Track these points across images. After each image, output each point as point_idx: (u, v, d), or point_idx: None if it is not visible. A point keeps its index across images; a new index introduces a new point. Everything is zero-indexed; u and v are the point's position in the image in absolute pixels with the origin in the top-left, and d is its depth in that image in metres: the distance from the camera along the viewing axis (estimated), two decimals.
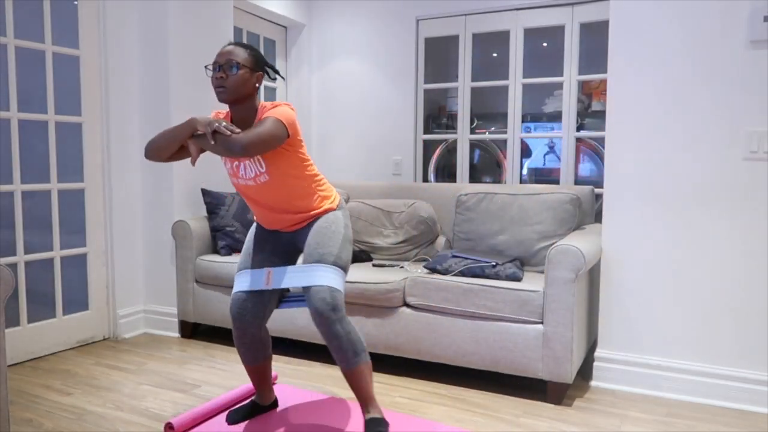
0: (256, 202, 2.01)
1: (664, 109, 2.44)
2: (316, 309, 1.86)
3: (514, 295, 2.40)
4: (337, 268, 1.94)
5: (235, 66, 1.87)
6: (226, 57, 1.89)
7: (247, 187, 1.99)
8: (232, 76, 1.87)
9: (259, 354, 2.10)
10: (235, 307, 2.01)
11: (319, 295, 1.86)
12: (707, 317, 2.41)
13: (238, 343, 2.06)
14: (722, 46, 2.33)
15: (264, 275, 1.99)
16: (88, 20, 3.07)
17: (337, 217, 2.04)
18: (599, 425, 2.19)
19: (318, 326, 1.89)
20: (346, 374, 1.94)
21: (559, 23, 3.62)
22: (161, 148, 1.86)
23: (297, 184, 1.97)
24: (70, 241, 3.07)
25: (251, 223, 3.33)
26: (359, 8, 4.14)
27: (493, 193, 2.98)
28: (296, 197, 1.99)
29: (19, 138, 2.80)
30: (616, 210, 2.54)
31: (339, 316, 1.88)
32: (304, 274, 1.93)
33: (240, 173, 1.97)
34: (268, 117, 1.84)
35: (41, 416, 2.23)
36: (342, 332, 1.88)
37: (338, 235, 2.00)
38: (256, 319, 2.02)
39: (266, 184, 1.94)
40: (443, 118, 4.72)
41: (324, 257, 1.94)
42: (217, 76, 1.88)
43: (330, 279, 1.90)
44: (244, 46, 1.94)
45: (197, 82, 3.36)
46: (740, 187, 2.33)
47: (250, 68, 1.92)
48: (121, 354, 2.97)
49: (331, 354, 1.93)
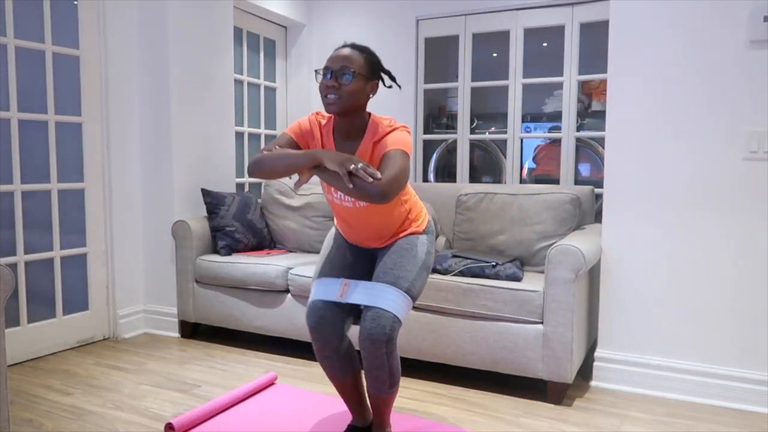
0: (347, 220, 1.89)
1: (663, 109, 2.44)
2: (370, 335, 1.70)
3: (514, 295, 2.40)
4: (408, 297, 1.78)
5: (350, 74, 1.68)
6: (341, 62, 1.69)
7: (343, 208, 1.85)
8: (345, 86, 1.68)
9: (345, 368, 1.87)
10: (313, 318, 1.82)
11: (380, 321, 1.70)
12: (707, 317, 2.41)
13: (320, 356, 1.86)
14: (722, 46, 2.33)
15: (338, 286, 1.83)
16: (88, 20, 3.07)
17: (420, 242, 1.90)
18: (599, 425, 2.19)
19: (363, 350, 1.73)
20: (372, 397, 1.83)
21: (559, 23, 3.62)
22: (273, 171, 1.67)
23: (395, 208, 1.85)
24: (70, 241, 3.07)
25: (251, 223, 3.33)
26: (359, 8, 4.14)
27: (493, 193, 2.98)
28: (391, 220, 1.87)
29: (19, 138, 2.80)
30: (616, 210, 2.55)
31: (391, 348, 1.73)
32: (373, 292, 1.76)
33: (337, 194, 1.82)
34: (396, 151, 1.67)
35: (41, 416, 2.23)
36: (387, 365, 1.74)
37: (418, 261, 1.85)
38: (336, 330, 1.81)
39: (366, 208, 1.80)
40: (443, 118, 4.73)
41: (399, 281, 1.78)
42: (329, 84, 1.68)
43: (397, 307, 1.74)
44: (360, 49, 1.74)
45: (197, 82, 3.36)
46: (740, 187, 2.33)
47: (366, 76, 1.73)
48: (121, 354, 2.97)
49: (365, 372, 1.79)
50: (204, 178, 3.43)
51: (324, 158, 1.60)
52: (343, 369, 1.87)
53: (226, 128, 3.58)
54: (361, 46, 1.76)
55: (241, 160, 4.06)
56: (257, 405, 2.31)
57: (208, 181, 3.46)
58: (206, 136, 3.44)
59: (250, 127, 4.13)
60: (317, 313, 1.82)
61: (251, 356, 2.97)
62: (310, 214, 3.37)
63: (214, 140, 3.49)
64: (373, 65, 1.76)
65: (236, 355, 2.98)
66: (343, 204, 1.84)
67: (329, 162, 1.59)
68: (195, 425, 2.11)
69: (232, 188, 3.64)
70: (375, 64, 1.76)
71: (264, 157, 1.69)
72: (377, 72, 1.78)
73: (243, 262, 3.03)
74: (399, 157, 1.66)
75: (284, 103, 4.46)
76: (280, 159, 1.66)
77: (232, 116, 3.62)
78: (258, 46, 4.17)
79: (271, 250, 3.33)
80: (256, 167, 1.69)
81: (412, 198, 1.94)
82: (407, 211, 1.91)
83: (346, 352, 1.86)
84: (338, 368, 1.86)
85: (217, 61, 3.49)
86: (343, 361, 1.86)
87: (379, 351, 1.71)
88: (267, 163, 1.67)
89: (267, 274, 2.94)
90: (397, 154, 1.67)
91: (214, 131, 3.49)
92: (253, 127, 4.17)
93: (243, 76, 4.02)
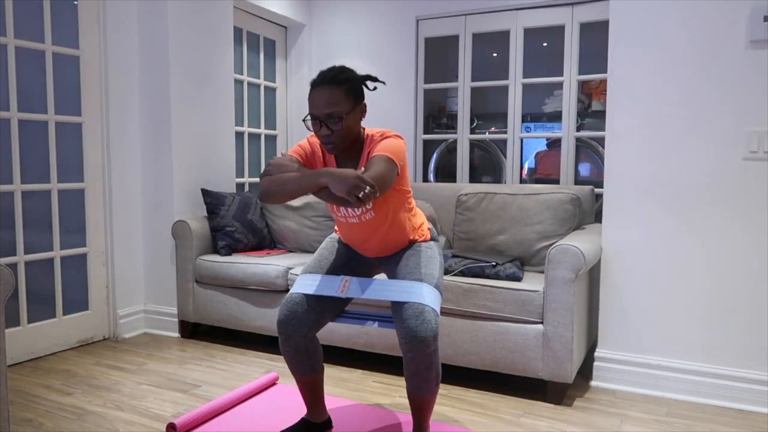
0: (351, 233, 1.91)
1: (663, 109, 2.44)
2: (416, 333, 1.66)
3: (514, 295, 2.40)
4: (438, 292, 1.79)
5: (337, 120, 1.69)
6: (324, 110, 1.69)
7: (349, 225, 1.88)
8: (338, 130, 1.70)
9: (305, 366, 1.90)
10: (284, 310, 1.84)
11: (425, 317, 1.67)
12: (707, 317, 2.41)
13: (282, 349, 1.89)
14: (722, 46, 2.33)
15: (339, 282, 1.83)
16: (88, 20, 3.07)
17: (430, 245, 1.96)
18: (599, 425, 2.19)
19: (410, 351, 1.69)
20: (415, 400, 1.80)
21: (559, 23, 3.62)
22: (282, 197, 1.68)
23: (399, 216, 1.88)
24: (70, 241, 3.07)
25: (251, 223, 3.33)
26: (359, 8, 4.14)
27: (493, 193, 2.98)
28: (396, 229, 1.89)
29: (19, 138, 2.80)
30: (616, 210, 2.55)
31: (436, 345, 1.71)
32: (405, 288, 1.74)
33: (342, 212, 1.86)
34: (380, 157, 1.68)
35: (41, 416, 2.23)
36: (435, 362, 1.72)
37: (436, 260, 1.89)
38: (302, 327, 1.83)
39: (371, 221, 1.84)
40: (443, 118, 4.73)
41: (427, 277, 1.79)
42: (322, 134, 1.71)
43: (434, 301, 1.74)
44: (338, 81, 1.70)
45: (197, 81, 3.36)
46: (740, 187, 2.33)
47: (352, 108, 1.72)
48: (121, 354, 2.97)
49: (408, 378, 1.76)
50: (204, 178, 3.43)
51: (330, 183, 1.59)
52: (303, 366, 1.90)
53: (226, 128, 3.58)
54: (336, 75, 1.71)
55: (241, 160, 4.06)
56: (258, 405, 2.31)
57: (208, 181, 3.46)
58: (206, 136, 3.44)
59: (250, 127, 4.13)
60: (289, 307, 1.83)
61: (251, 356, 2.97)
62: (310, 214, 3.37)
63: (214, 140, 3.50)
64: (356, 91, 1.74)
65: (236, 355, 2.98)
66: (348, 221, 1.87)
67: (336, 187, 1.57)
68: (197, 425, 2.11)
69: (232, 188, 3.64)
70: (356, 87, 1.74)
71: (270, 186, 1.70)
72: (361, 93, 1.76)
73: (243, 262, 3.03)
74: (380, 161, 1.67)
75: (284, 103, 4.46)
76: (283, 184, 1.67)
77: (232, 116, 3.62)
78: (258, 46, 4.17)
79: (271, 250, 3.33)
80: (264, 195, 1.72)
81: (414, 208, 1.97)
82: (411, 220, 1.94)
83: (308, 350, 1.89)
84: (298, 364, 1.90)
85: (217, 61, 3.49)
86: (305, 358, 1.89)
87: (428, 350, 1.68)
88: (274, 192, 1.68)
89: (267, 274, 2.94)
90: (379, 159, 1.68)
91: (214, 131, 3.49)
92: (253, 127, 4.17)
93: (243, 76, 4.02)
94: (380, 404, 2.36)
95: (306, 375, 1.93)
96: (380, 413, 2.25)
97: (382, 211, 1.84)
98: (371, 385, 2.56)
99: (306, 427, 2.01)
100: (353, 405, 2.33)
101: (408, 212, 1.93)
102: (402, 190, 1.86)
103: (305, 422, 2.03)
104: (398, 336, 1.71)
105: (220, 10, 3.49)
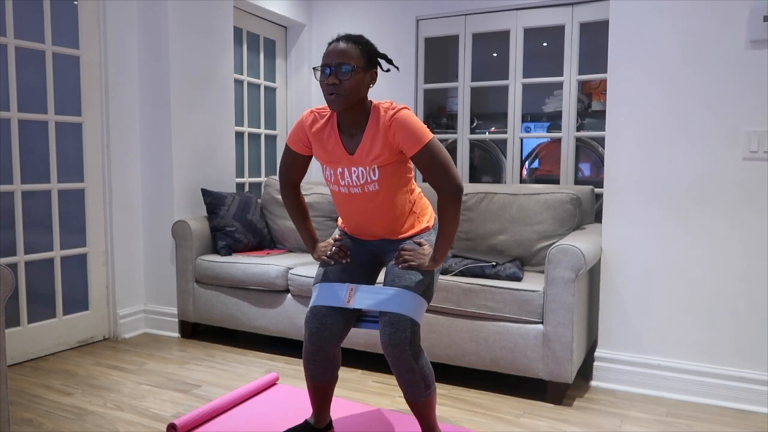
0: (353, 214, 1.88)
1: (663, 109, 2.44)
2: (390, 341, 1.71)
3: (514, 295, 2.40)
4: (423, 298, 1.78)
5: (348, 69, 1.64)
6: (337, 58, 1.65)
7: (349, 196, 1.83)
8: (346, 81, 1.65)
9: (327, 374, 1.91)
10: (315, 323, 1.81)
11: (399, 326, 1.71)
12: (707, 317, 2.41)
13: (310, 359, 1.86)
14: (722, 46, 2.33)
15: (345, 291, 1.82)
16: (88, 20, 3.07)
17: (430, 242, 1.91)
18: (599, 425, 2.19)
19: (389, 357, 1.74)
20: (411, 404, 1.81)
21: (559, 23, 3.62)
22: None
23: (401, 196, 1.84)
24: (70, 241, 3.07)
25: (251, 223, 3.33)
26: (359, 8, 4.14)
27: (493, 193, 2.98)
28: (398, 208, 1.85)
29: (19, 138, 2.80)
30: (616, 210, 2.55)
31: (415, 350, 1.73)
32: (387, 297, 1.76)
33: (344, 181, 1.80)
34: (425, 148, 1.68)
35: (41, 416, 2.23)
36: (416, 367, 1.74)
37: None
38: (334, 337, 1.82)
39: (373, 194, 1.79)
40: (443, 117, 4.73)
41: (415, 285, 1.77)
42: (329, 82, 1.65)
43: (414, 310, 1.74)
44: (355, 40, 1.69)
45: (197, 81, 3.36)
46: (740, 187, 2.33)
47: (364, 67, 1.69)
48: (121, 354, 2.97)
49: (396, 379, 1.79)
50: (204, 178, 3.43)
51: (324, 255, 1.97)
52: (326, 375, 1.91)
53: (226, 128, 3.58)
54: (354, 36, 1.72)
55: (241, 160, 4.06)
56: (259, 405, 2.32)
57: (208, 181, 3.46)
58: (206, 136, 3.44)
59: (250, 127, 4.13)
60: (320, 319, 1.82)
61: (251, 356, 2.97)
62: (310, 215, 3.37)
63: (214, 140, 3.49)
64: (370, 54, 1.72)
65: (236, 355, 2.98)
66: (351, 191, 1.81)
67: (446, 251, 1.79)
68: (197, 425, 2.11)
69: (232, 188, 3.64)
70: (371, 53, 1.73)
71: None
72: (374, 60, 1.74)
73: (243, 262, 3.03)
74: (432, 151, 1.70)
75: (284, 103, 4.46)
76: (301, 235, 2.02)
77: (232, 116, 3.62)
78: (258, 46, 4.17)
79: (271, 250, 3.33)
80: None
81: (416, 192, 1.94)
82: (412, 202, 1.90)
83: (334, 358, 1.89)
84: (322, 372, 1.89)
85: (217, 61, 3.49)
86: (330, 367, 1.90)
87: (404, 355, 1.72)
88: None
89: (267, 274, 2.94)
90: (429, 150, 1.70)
91: (214, 131, 3.49)
92: (253, 127, 4.17)
93: (243, 76, 4.02)
94: (380, 404, 2.36)
95: (326, 382, 1.93)
96: (380, 413, 2.25)
97: (386, 185, 1.79)
98: (371, 385, 2.56)
99: (309, 430, 2.02)
100: (353, 405, 2.33)
101: (409, 191, 1.88)
102: (407, 164, 1.83)
103: (308, 426, 2.03)
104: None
105: (220, 10, 3.49)
